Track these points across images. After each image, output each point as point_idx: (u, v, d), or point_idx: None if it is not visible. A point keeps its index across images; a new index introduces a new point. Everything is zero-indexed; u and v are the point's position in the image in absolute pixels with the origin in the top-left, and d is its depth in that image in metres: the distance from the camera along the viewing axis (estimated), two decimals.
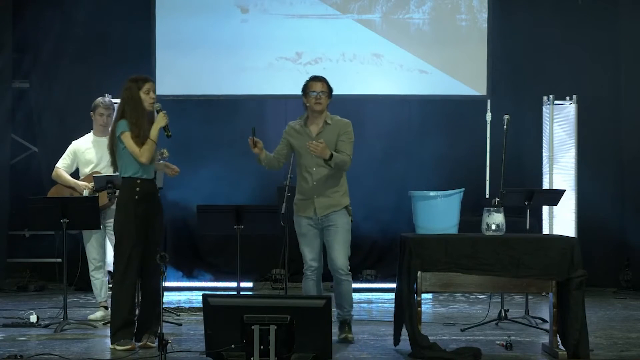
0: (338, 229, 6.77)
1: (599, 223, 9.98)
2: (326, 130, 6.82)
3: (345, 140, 6.80)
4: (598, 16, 10.38)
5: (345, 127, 6.84)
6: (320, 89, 6.81)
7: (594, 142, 10.19)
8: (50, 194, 8.01)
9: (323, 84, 6.84)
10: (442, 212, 6.46)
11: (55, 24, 10.35)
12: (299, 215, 6.86)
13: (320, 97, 6.79)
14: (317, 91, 6.79)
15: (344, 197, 6.85)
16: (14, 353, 6.24)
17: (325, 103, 6.83)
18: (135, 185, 6.48)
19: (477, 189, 9.91)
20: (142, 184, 6.50)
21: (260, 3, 10.27)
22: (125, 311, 6.55)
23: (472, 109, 10.36)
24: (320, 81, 6.85)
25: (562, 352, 6.16)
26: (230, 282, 9.47)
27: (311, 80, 6.87)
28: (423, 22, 10.25)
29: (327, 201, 6.78)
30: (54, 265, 10.02)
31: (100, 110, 7.98)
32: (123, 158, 6.52)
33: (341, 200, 6.82)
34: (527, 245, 6.26)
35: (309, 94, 6.82)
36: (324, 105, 6.82)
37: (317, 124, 6.85)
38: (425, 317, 7.10)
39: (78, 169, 8.06)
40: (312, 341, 5.28)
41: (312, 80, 6.87)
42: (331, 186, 6.79)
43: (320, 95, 6.79)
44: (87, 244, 7.94)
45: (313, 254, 6.82)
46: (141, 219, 6.48)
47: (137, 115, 6.49)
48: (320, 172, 6.77)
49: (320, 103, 6.79)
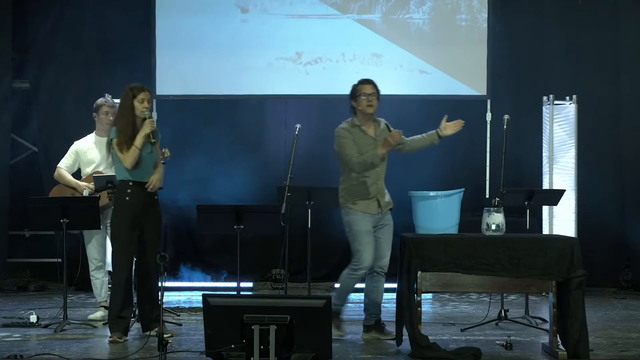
0: (391, 228, 6.93)
1: (599, 223, 9.99)
2: (379, 131, 6.95)
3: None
4: (598, 16, 10.38)
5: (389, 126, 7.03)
6: (371, 90, 6.86)
7: (594, 142, 10.19)
8: (52, 193, 8.01)
9: (372, 86, 6.89)
10: (442, 212, 6.46)
11: (55, 24, 10.35)
12: (364, 212, 6.83)
13: (372, 100, 6.85)
14: (368, 93, 6.85)
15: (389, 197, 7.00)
16: (14, 353, 6.24)
17: (376, 105, 6.89)
18: (127, 188, 6.75)
19: (477, 189, 9.91)
20: (134, 187, 6.74)
21: (260, 3, 10.27)
22: (117, 308, 6.82)
23: (472, 109, 10.34)
24: (370, 83, 6.91)
25: (562, 352, 6.17)
26: (230, 282, 9.48)
27: (361, 83, 6.92)
28: (423, 22, 10.25)
29: (387, 200, 6.92)
30: (54, 265, 10.02)
31: (105, 109, 7.99)
32: (115, 162, 6.86)
33: (390, 199, 6.97)
34: (527, 245, 6.27)
35: (360, 96, 6.87)
36: (375, 107, 6.89)
37: (369, 125, 6.94)
38: (425, 317, 7.10)
39: (80, 169, 8.06)
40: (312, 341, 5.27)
41: (362, 83, 6.93)
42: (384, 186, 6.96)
43: (372, 97, 6.84)
44: (88, 243, 7.94)
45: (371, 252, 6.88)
46: (132, 220, 6.73)
47: (124, 122, 6.75)
48: (380, 172, 6.90)
49: (372, 105, 6.86)
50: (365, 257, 6.83)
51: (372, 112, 6.90)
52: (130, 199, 6.74)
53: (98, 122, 8.04)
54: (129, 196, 6.73)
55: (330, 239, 10.27)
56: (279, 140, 10.37)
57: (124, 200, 6.75)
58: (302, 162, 9.31)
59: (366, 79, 7.00)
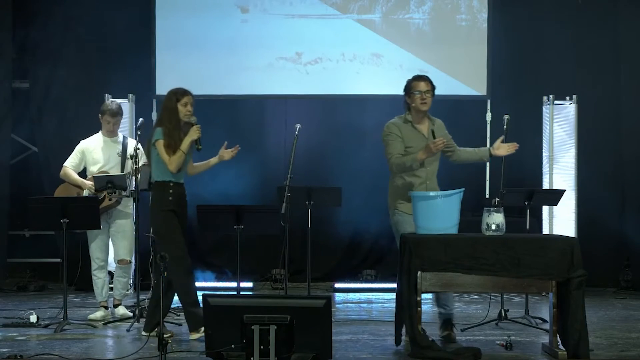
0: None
1: (599, 223, 9.99)
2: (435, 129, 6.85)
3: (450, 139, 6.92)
4: (598, 16, 10.38)
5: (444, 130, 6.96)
6: (425, 88, 6.80)
7: (594, 142, 10.19)
8: (58, 192, 8.01)
9: (427, 83, 6.82)
10: (442, 212, 6.45)
11: (55, 24, 10.35)
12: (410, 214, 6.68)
13: (426, 97, 6.78)
14: (422, 90, 6.79)
15: None
16: (14, 353, 6.25)
17: (430, 102, 6.81)
18: (168, 188, 6.87)
19: (477, 189, 9.91)
20: (174, 187, 6.88)
21: (260, 3, 10.28)
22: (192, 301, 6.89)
23: (472, 109, 10.36)
24: (424, 80, 6.84)
25: (562, 352, 6.17)
26: (230, 282, 9.48)
27: (415, 80, 6.86)
28: (423, 22, 10.25)
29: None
30: (54, 265, 10.05)
31: (107, 118, 7.99)
32: (156, 164, 6.90)
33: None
34: (527, 245, 6.26)
35: (414, 93, 6.81)
36: (429, 105, 6.81)
37: (423, 123, 6.86)
38: (425, 317, 7.08)
39: (86, 169, 8.05)
40: (312, 341, 5.27)
41: (416, 79, 6.86)
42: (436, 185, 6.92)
43: (426, 94, 6.78)
44: (91, 242, 7.94)
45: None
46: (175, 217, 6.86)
47: (172, 125, 6.87)
48: (432, 170, 6.89)
49: (425, 102, 6.79)
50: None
51: (426, 109, 6.83)
52: (172, 199, 6.87)
53: (102, 124, 8.04)
54: (171, 196, 6.87)
55: (330, 239, 10.29)
56: (279, 140, 10.37)
57: (167, 200, 6.85)
58: (302, 162, 9.31)
59: (421, 75, 6.94)
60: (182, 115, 6.91)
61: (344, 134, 10.32)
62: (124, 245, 7.95)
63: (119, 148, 8.00)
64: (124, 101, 9.65)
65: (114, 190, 7.63)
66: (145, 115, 9.31)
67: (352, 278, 10.08)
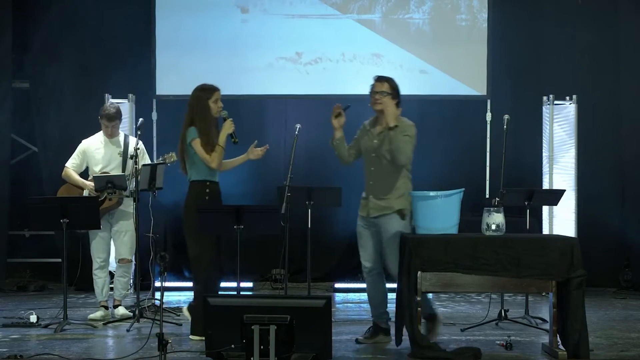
0: (389, 236, 6.65)
1: (599, 223, 9.99)
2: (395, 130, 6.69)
3: (405, 140, 6.68)
4: (598, 16, 10.38)
5: (407, 129, 6.73)
6: (379, 88, 6.72)
7: (594, 142, 10.19)
8: (60, 193, 8.00)
9: (383, 85, 6.73)
10: (442, 212, 6.45)
11: (55, 24, 10.34)
12: (359, 214, 6.83)
13: (379, 98, 6.70)
14: (376, 91, 6.73)
15: (399, 200, 6.69)
16: (14, 353, 6.25)
17: (386, 103, 6.68)
18: (205, 187, 6.92)
19: (477, 189, 9.91)
20: (211, 186, 6.94)
21: (260, 3, 10.27)
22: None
23: (472, 109, 10.36)
24: (380, 81, 6.76)
25: (562, 352, 6.17)
26: (230, 282, 9.47)
27: (374, 81, 6.79)
28: (423, 22, 10.25)
29: (380, 203, 6.70)
30: (54, 265, 10.04)
31: (104, 122, 7.97)
32: (194, 163, 6.91)
33: (394, 203, 6.68)
34: (527, 245, 6.26)
35: (371, 94, 6.77)
36: (384, 106, 6.69)
37: (382, 124, 6.78)
38: None
39: (87, 169, 8.05)
40: (312, 341, 5.27)
41: (375, 80, 6.80)
42: (386, 188, 6.70)
43: (379, 95, 6.71)
44: (93, 241, 7.94)
45: (366, 255, 6.80)
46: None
47: (206, 123, 6.91)
48: (377, 172, 6.73)
49: (378, 103, 6.71)
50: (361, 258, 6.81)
51: (380, 109, 6.73)
52: (209, 198, 6.91)
53: (101, 127, 8.02)
54: (208, 195, 6.92)
55: (330, 239, 10.28)
56: (279, 140, 10.35)
57: (204, 199, 6.88)
58: (302, 162, 9.32)
59: (381, 76, 6.84)
60: (215, 112, 6.96)
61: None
62: (125, 244, 7.95)
63: (120, 148, 7.99)
64: (124, 101, 9.65)
65: (114, 190, 7.63)
66: (145, 115, 9.31)
67: (352, 278, 10.07)
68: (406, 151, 6.65)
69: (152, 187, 7.58)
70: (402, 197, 6.69)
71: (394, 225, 6.66)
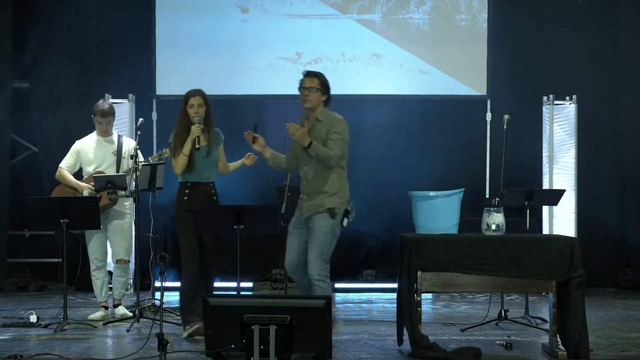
0: (314, 232, 6.48)
1: (599, 223, 9.98)
2: (317, 127, 6.51)
3: (333, 138, 6.46)
4: (598, 16, 10.38)
5: (336, 124, 6.51)
6: (309, 84, 6.51)
7: (594, 142, 10.19)
8: (54, 194, 8.00)
9: (313, 80, 6.53)
10: (442, 212, 6.46)
11: (55, 23, 10.34)
12: (295, 214, 6.74)
13: (309, 94, 6.51)
14: (306, 87, 6.53)
15: (331, 199, 6.51)
16: (14, 353, 6.25)
17: (314, 100, 6.50)
18: (185, 189, 7.05)
19: (477, 189, 9.91)
20: (192, 187, 7.05)
21: (260, 3, 10.27)
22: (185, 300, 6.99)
23: (472, 109, 10.36)
24: (310, 77, 6.56)
25: (562, 352, 6.17)
26: (230, 282, 9.47)
27: (303, 76, 6.60)
28: (423, 22, 10.25)
29: (312, 203, 6.52)
30: (54, 265, 10.04)
31: (98, 119, 7.98)
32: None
33: (325, 201, 6.50)
34: (527, 245, 6.27)
35: (300, 90, 6.58)
36: (312, 102, 6.51)
37: (311, 121, 6.59)
38: (425, 317, 7.09)
39: (81, 169, 8.05)
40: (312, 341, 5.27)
41: (304, 75, 6.60)
42: (319, 187, 6.52)
43: (308, 91, 6.51)
44: (89, 243, 7.94)
45: (290, 254, 6.60)
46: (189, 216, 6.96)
47: (179, 128, 7.08)
48: (310, 172, 6.54)
49: (307, 100, 6.52)
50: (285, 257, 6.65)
51: (308, 107, 6.51)
52: (187, 199, 7.02)
53: (95, 125, 8.03)
54: (187, 195, 7.03)
55: None
56: (279, 140, 10.33)
57: (182, 200, 7.05)
58: None
59: (310, 71, 6.63)
60: (191, 117, 7.01)
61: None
62: (121, 245, 7.95)
63: (114, 147, 7.99)
64: (124, 101, 9.65)
65: (114, 190, 7.63)
66: (145, 115, 9.31)
67: (352, 278, 10.07)
68: (333, 155, 6.44)
69: (152, 187, 7.58)
70: (335, 195, 6.53)
71: (322, 222, 6.48)
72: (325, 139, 6.48)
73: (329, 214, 6.50)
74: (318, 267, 6.45)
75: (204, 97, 7.08)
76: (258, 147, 6.69)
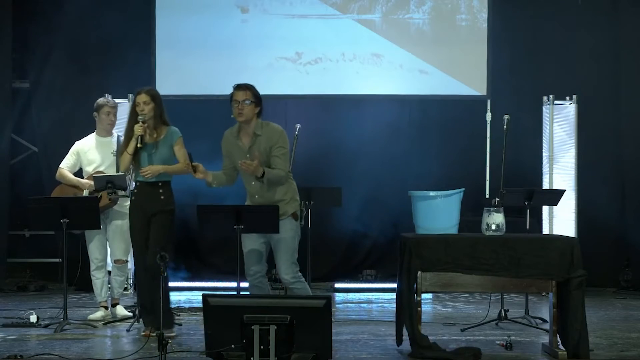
0: (283, 238, 6.47)
1: (599, 223, 9.98)
2: (257, 142, 6.45)
3: (278, 155, 6.42)
4: (598, 16, 10.38)
5: (277, 138, 6.47)
6: (243, 97, 6.42)
7: (594, 142, 10.19)
8: (54, 193, 8.00)
9: (246, 92, 6.46)
10: (442, 212, 6.46)
11: (55, 24, 10.34)
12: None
13: (243, 107, 6.42)
14: (239, 100, 6.45)
15: (290, 204, 6.53)
16: (14, 353, 6.25)
17: (248, 113, 6.42)
18: (158, 189, 7.02)
19: (477, 189, 9.91)
20: (140, 186, 7.04)
21: (260, 3, 10.28)
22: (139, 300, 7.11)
23: (472, 109, 10.36)
24: (242, 89, 6.49)
25: (562, 352, 6.17)
26: (230, 282, 9.47)
27: (234, 89, 6.53)
28: (423, 22, 10.26)
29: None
30: (54, 265, 10.04)
31: (107, 109, 7.99)
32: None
33: (287, 208, 6.49)
34: (527, 245, 6.27)
35: (232, 103, 6.50)
36: (247, 116, 6.43)
37: (248, 134, 6.49)
38: (425, 317, 7.09)
39: (81, 169, 8.05)
40: (312, 341, 5.27)
41: (234, 89, 6.53)
42: (276, 197, 6.50)
43: (243, 104, 6.42)
44: (89, 243, 7.94)
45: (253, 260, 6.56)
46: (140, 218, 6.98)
47: (127, 127, 7.02)
48: (261, 186, 6.48)
49: (241, 113, 6.42)
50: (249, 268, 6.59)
51: (243, 120, 6.44)
52: (135, 199, 7.05)
53: (98, 122, 8.03)
54: (135, 195, 7.06)
55: (330, 239, 10.29)
56: None
57: (131, 199, 7.11)
58: (302, 162, 9.31)
59: (241, 84, 6.54)
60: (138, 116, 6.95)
61: (344, 134, 10.32)
62: (120, 245, 7.94)
63: (113, 147, 7.99)
64: (124, 101, 9.64)
65: (114, 190, 7.63)
66: None
67: (352, 278, 10.07)
68: (283, 174, 6.46)
69: None
70: (292, 199, 6.55)
71: (288, 227, 6.49)
72: (270, 155, 6.44)
73: (293, 218, 6.55)
74: (291, 270, 6.49)
75: (151, 95, 7.00)
76: (200, 174, 6.50)
